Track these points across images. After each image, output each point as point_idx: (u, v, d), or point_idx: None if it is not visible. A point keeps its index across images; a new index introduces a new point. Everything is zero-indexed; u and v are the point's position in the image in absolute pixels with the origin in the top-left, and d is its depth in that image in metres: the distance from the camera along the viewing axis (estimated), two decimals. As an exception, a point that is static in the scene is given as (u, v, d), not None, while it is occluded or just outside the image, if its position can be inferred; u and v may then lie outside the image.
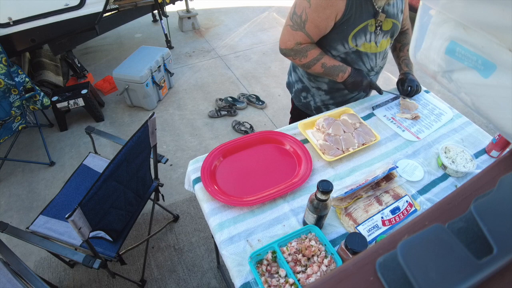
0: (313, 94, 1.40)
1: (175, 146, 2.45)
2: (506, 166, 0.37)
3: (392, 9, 1.16)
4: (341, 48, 1.17)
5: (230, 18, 4.32)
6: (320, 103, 1.41)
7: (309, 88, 1.39)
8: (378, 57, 1.25)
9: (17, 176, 2.20)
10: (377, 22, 1.13)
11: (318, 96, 1.39)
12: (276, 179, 1.04)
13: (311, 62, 1.19)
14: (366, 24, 1.11)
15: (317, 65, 1.19)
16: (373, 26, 1.13)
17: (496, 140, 1.11)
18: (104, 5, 2.44)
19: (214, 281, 1.65)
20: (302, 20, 1.10)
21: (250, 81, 3.14)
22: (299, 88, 1.43)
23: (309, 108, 1.46)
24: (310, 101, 1.43)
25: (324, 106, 1.42)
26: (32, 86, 2.01)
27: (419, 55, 0.43)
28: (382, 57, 1.27)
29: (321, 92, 1.37)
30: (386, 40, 1.22)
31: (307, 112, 1.48)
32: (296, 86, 1.45)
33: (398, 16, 1.19)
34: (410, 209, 0.94)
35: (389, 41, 1.24)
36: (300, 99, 1.46)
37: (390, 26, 1.18)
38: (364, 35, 1.14)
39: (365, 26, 1.11)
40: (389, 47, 1.29)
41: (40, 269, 1.71)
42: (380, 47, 1.21)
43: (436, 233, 0.27)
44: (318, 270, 0.78)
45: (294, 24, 1.13)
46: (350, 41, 1.14)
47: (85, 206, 1.02)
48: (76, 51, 3.11)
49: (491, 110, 0.36)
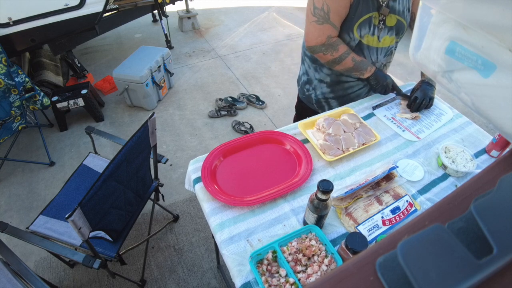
0: (315, 87, 1.42)
1: (175, 146, 2.45)
2: (506, 166, 0.37)
3: (397, 6, 1.15)
4: (346, 37, 1.18)
5: (230, 18, 4.32)
6: (320, 96, 1.42)
7: (312, 80, 1.41)
8: (379, 53, 1.25)
9: (17, 176, 2.20)
10: (380, 16, 1.14)
11: (320, 89, 1.40)
12: (276, 179, 1.04)
13: (343, 55, 1.18)
14: (370, 15, 1.12)
15: (348, 59, 1.19)
16: (377, 19, 1.14)
17: (496, 140, 1.11)
18: (104, 5, 2.44)
19: (214, 281, 1.65)
20: (325, 12, 1.11)
21: (250, 81, 3.14)
22: (305, 81, 1.46)
23: (311, 101, 1.48)
24: (311, 93, 1.45)
25: (324, 99, 1.43)
26: (32, 86, 2.01)
27: (419, 55, 0.43)
28: (384, 53, 1.27)
29: (323, 84, 1.38)
30: (391, 37, 1.22)
31: (308, 105, 1.51)
32: (302, 78, 1.48)
33: (403, 14, 1.18)
34: (410, 209, 0.94)
35: (393, 39, 1.24)
36: (304, 92, 1.49)
37: (394, 22, 1.17)
38: (369, 26, 1.15)
39: (370, 17, 1.13)
40: (394, 45, 1.28)
41: (40, 269, 1.71)
42: (382, 43, 1.21)
43: (436, 233, 0.27)
44: (319, 269, 0.78)
45: (319, 19, 1.14)
46: (355, 31, 1.15)
47: (85, 206, 1.02)
48: (76, 51, 3.11)
49: (491, 110, 0.36)
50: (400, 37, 1.26)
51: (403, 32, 1.24)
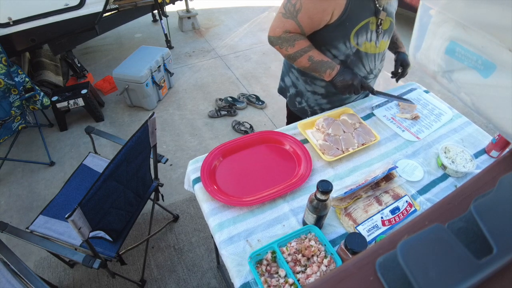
0: (307, 99, 1.35)
1: (175, 146, 2.45)
2: (506, 166, 0.37)
3: (390, 8, 1.15)
4: (343, 47, 1.14)
5: (230, 18, 4.32)
6: (316, 107, 1.36)
7: (303, 92, 1.34)
8: (377, 59, 1.22)
9: (17, 176, 2.20)
10: (378, 21, 1.12)
11: (314, 101, 1.34)
12: (275, 179, 1.04)
13: (298, 53, 1.13)
14: (367, 21, 1.09)
15: (304, 57, 1.13)
16: (374, 24, 1.12)
17: (496, 140, 1.11)
18: (104, 5, 2.44)
19: (214, 281, 1.65)
20: (296, 9, 1.06)
21: (250, 81, 3.14)
22: (294, 93, 1.39)
23: (305, 113, 1.40)
24: (304, 105, 1.38)
25: (320, 110, 1.37)
26: (32, 86, 2.01)
27: (419, 55, 0.43)
28: (380, 59, 1.25)
29: (317, 96, 1.32)
30: (386, 41, 1.20)
31: (303, 117, 1.41)
32: (290, 90, 1.41)
33: (393, 15, 1.18)
34: (410, 209, 0.94)
35: (387, 42, 1.22)
36: (295, 104, 1.41)
37: (388, 25, 1.17)
38: (366, 33, 1.11)
39: (367, 23, 1.10)
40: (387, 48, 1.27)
41: (40, 269, 1.71)
42: (379, 47, 1.19)
43: (436, 233, 0.27)
44: (318, 270, 0.78)
45: (286, 12, 1.09)
46: (352, 39, 1.11)
47: (85, 206, 1.02)
48: (76, 51, 3.11)
49: (491, 110, 0.36)
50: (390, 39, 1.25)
51: (392, 33, 1.23)
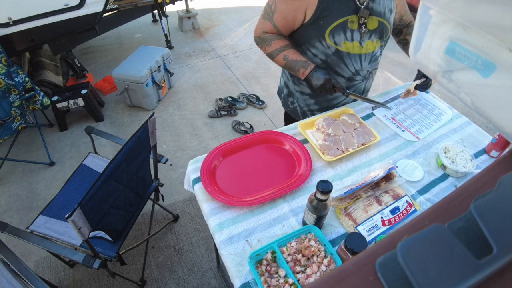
0: (297, 99, 1.36)
1: (175, 146, 2.45)
2: (506, 166, 0.37)
3: (377, 7, 1.09)
4: (319, 45, 1.11)
5: (230, 18, 4.32)
6: (306, 108, 1.36)
7: (294, 92, 1.35)
8: (364, 59, 1.17)
9: (17, 176, 2.20)
10: (360, 20, 1.07)
11: (303, 101, 1.34)
12: (275, 179, 1.04)
13: (274, 52, 1.17)
14: (345, 20, 1.05)
15: (280, 56, 1.16)
16: (355, 23, 1.07)
17: (496, 140, 1.11)
18: (104, 5, 2.44)
19: (214, 281, 1.65)
20: (272, 10, 1.10)
21: (250, 81, 3.14)
22: (286, 94, 1.40)
23: (296, 114, 1.41)
24: (296, 106, 1.38)
25: (309, 111, 1.36)
26: (32, 86, 2.01)
27: (419, 55, 0.43)
28: (369, 60, 1.18)
29: (305, 96, 1.32)
30: (375, 41, 1.14)
31: (295, 118, 1.42)
32: (284, 91, 1.42)
33: (385, 15, 1.11)
34: (410, 209, 0.94)
35: (378, 43, 1.16)
36: (288, 105, 1.42)
37: (376, 25, 1.10)
38: (344, 32, 1.07)
39: (344, 22, 1.05)
40: (379, 50, 1.20)
41: (40, 269, 1.71)
42: (365, 48, 1.13)
43: (436, 233, 0.27)
44: (318, 270, 0.78)
45: (265, 14, 1.14)
46: (327, 38, 1.08)
47: (85, 206, 1.02)
48: (76, 51, 3.11)
49: (491, 110, 0.36)
50: (385, 40, 1.19)
51: (387, 35, 1.17)
